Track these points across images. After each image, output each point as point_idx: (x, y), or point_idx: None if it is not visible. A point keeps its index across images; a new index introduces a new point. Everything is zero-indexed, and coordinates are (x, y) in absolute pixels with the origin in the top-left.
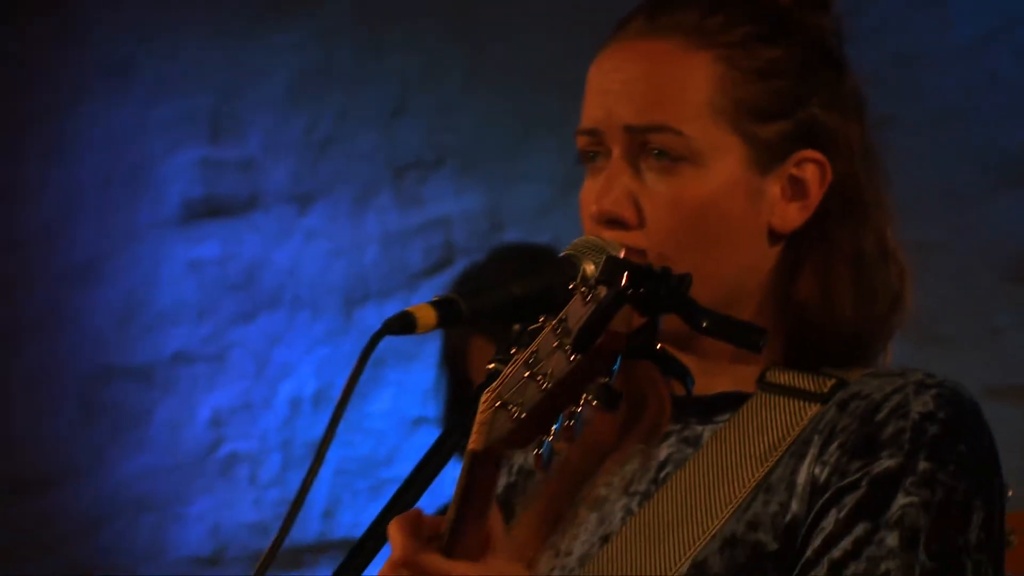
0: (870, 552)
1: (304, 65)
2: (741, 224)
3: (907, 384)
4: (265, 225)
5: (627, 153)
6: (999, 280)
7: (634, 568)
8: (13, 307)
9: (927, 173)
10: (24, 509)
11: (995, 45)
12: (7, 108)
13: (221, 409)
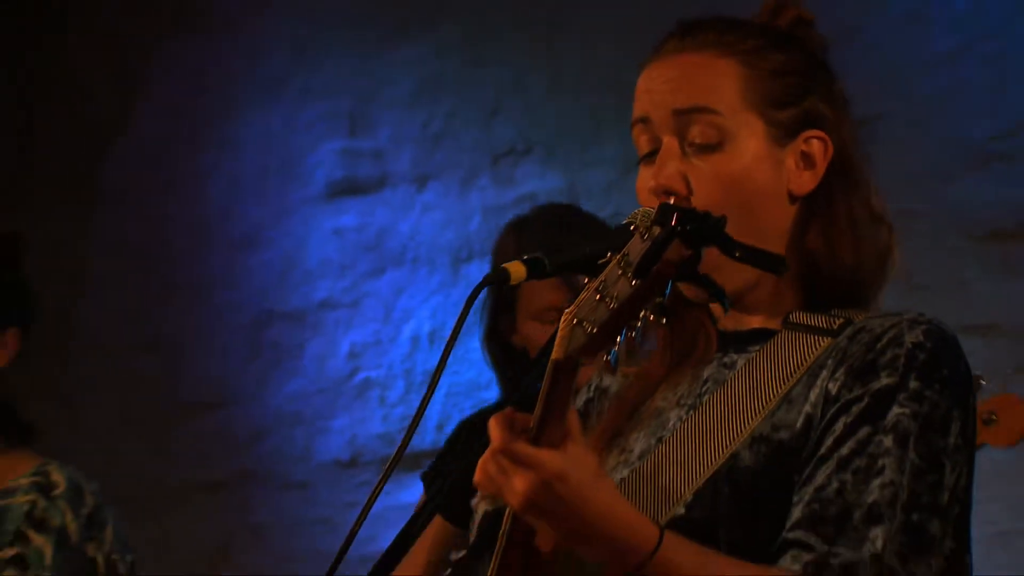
0: (871, 450)
1: (422, 74)
2: (767, 190)
3: (902, 321)
4: (392, 200)
5: (676, 139)
6: (967, 241)
7: (682, 461)
8: (197, 267)
9: (911, 157)
10: (206, 424)
11: (967, 55)
12: (188, 110)
13: (357, 344)
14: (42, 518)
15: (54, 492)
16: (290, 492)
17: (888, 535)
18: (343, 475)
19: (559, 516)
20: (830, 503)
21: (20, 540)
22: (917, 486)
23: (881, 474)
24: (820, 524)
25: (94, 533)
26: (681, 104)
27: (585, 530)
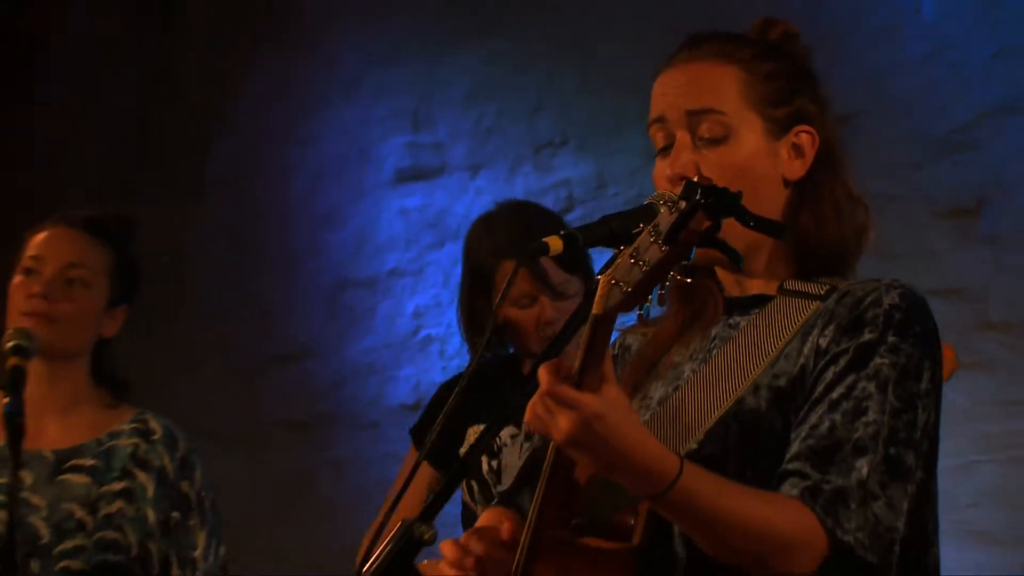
0: (856, 394)
1: (474, 79)
2: (765, 176)
3: (881, 286)
4: (449, 185)
5: (688, 135)
6: (933, 218)
7: (695, 405)
8: (285, 242)
9: (886, 148)
10: (294, 373)
11: (933, 61)
12: (278, 108)
13: (420, 306)
14: (144, 459)
15: (152, 437)
16: (364, 431)
17: (871, 465)
18: (409, 416)
19: (596, 449)
20: (823, 439)
21: (127, 476)
22: (895, 424)
23: (865, 414)
24: (814, 456)
25: (187, 473)
26: (692, 105)
27: (619, 461)
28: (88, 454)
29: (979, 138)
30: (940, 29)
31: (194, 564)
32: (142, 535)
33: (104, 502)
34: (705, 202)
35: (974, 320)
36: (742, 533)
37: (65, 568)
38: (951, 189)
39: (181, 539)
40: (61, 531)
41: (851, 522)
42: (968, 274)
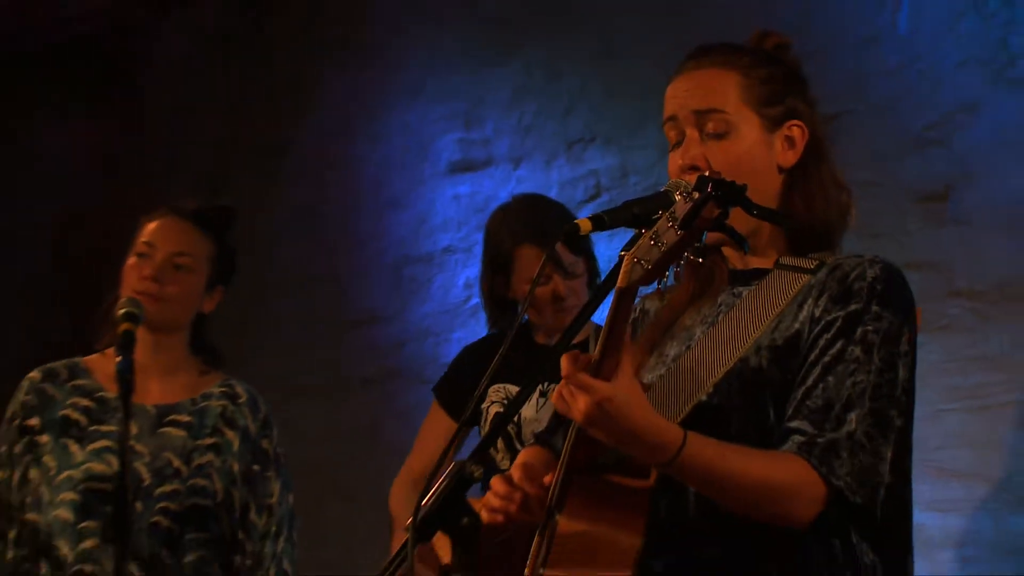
0: (845, 358)
1: (516, 84)
2: (762, 164)
3: (864, 261)
4: (495, 175)
5: (696, 131)
6: (908, 202)
7: (704, 362)
8: (357, 223)
9: (868, 143)
10: (363, 336)
11: (908, 68)
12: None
13: (470, 278)
14: (231, 418)
15: (239, 400)
16: (422, 386)
17: (859, 418)
18: None
19: (609, 428)
20: (817, 398)
21: (217, 432)
22: (879, 382)
23: (853, 375)
24: (810, 415)
25: (267, 432)
26: (698, 106)
27: (628, 437)
28: (184, 411)
29: (946, 134)
30: (913, 42)
31: (269, 509)
32: (227, 483)
33: (197, 454)
34: (715, 193)
35: (943, 288)
36: (746, 488)
37: (163, 508)
38: (923, 178)
39: (259, 488)
40: (160, 476)
41: (842, 468)
42: (937, 250)
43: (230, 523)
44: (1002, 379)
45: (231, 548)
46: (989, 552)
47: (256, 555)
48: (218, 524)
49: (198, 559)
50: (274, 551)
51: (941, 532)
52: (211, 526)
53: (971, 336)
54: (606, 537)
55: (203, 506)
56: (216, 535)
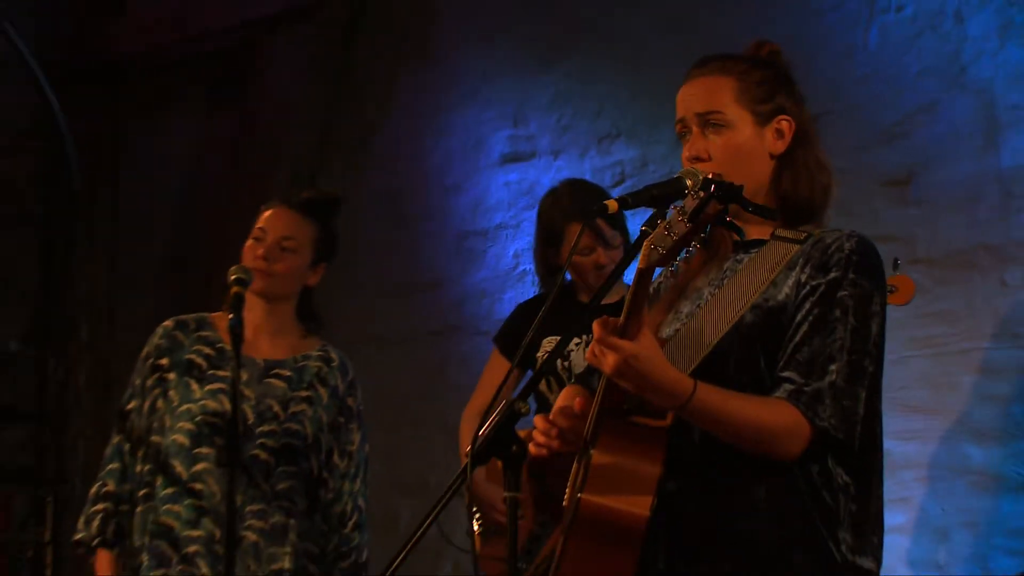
0: (827, 319)
1: (556, 90)
2: (755, 153)
3: (843, 235)
4: (538, 165)
5: (701, 129)
6: (879, 187)
7: (711, 318)
8: (426, 205)
9: (845, 137)
10: (431, 296)
11: (876, 78)
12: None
13: (518, 250)
14: (324, 378)
15: (332, 364)
16: (479, 337)
17: (839, 368)
18: None
19: (633, 380)
20: (804, 352)
21: (311, 388)
22: (855, 338)
23: (834, 332)
24: (798, 367)
25: (352, 392)
26: (701, 109)
27: (649, 387)
28: (287, 367)
29: (908, 130)
30: (880, 55)
31: (350, 455)
32: (316, 429)
33: (293, 403)
34: (717, 193)
35: (906, 256)
36: (745, 429)
37: (262, 444)
38: (889, 166)
39: (342, 437)
40: (262, 417)
41: (826, 412)
42: (901, 225)
43: (317, 462)
44: (955, 331)
45: (316, 483)
46: (944, 473)
47: (336, 491)
48: (307, 462)
49: (288, 488)
50: (351, 489)
51: (904, 457)
52: (300, 463)
53: (929, 296)
54: (632, 467)
55: (295, 446)
56: (304, 471)
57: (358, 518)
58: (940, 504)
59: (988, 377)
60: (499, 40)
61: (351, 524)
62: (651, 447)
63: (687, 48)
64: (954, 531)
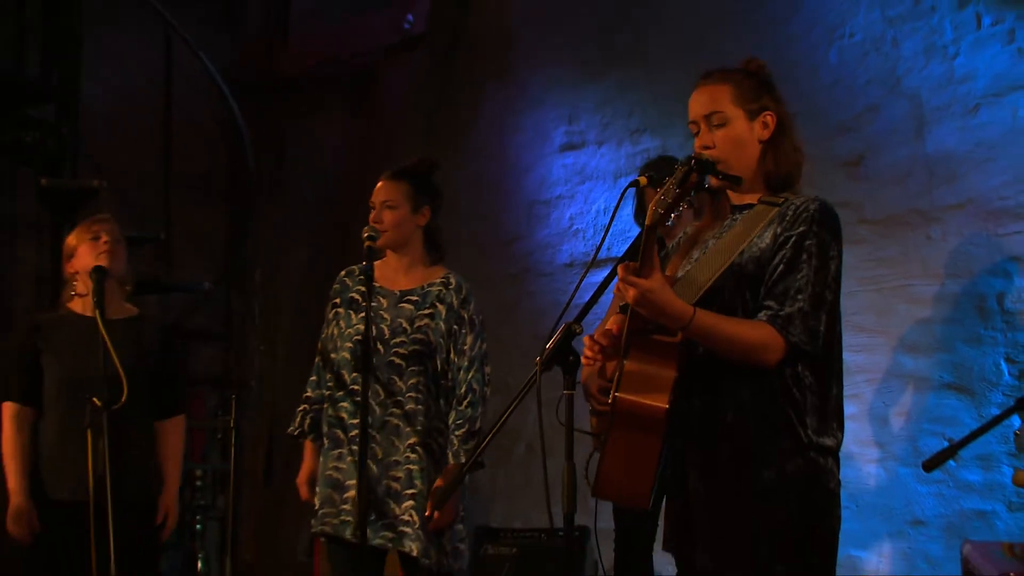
0: (797, 262)
1: (600, 97)
2: (748, 141)
3: (809, 200)
4: (587, 151)
5: (707, 126)
6: (836, 167)
7: (711, 262)
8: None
9: (811, 129)
10: (509, 248)
11: (836, 86)
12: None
13: (573, 214)
14: (443, 298)
15: (450, 286)
16: (544, 278)
17: (806, 298)
18: (567, 271)
19: (647, 307)
20: (779, 286)
21: (432, 306)
22: (818, 276)
23: (802, 271)
24: (775, 297)
25: (465, 305)
26: (705, 111)
27: (658, 313)
28: (415, 294)
29: (859, 125)
30: (839, 68)
31: (464, 353)
32: (437, 337)
33: (418, 319)
34: (693, 166)
35: (855, 218)
36: (734, 344)
37: (395, 352)
38: (844, 151)
39: (458, 340)
40: (395, 332)
41: (796, 330)
42: (853, 194)
43: (439, 361)
44: (893, 272)
45: (439, 376)
46: (885, 376)
47: (454, 380)
48: (431, 361)
49: (417, 382)
50: (466, 378)
51: (856, 365)
52: (426, 363)
53: (873, 247)
54: (654, 372)
55: (420, 351)
56: (429, 368)
57: (471, 398)
58: (882, 399)
59: (916, 306)
60: (558, 61)
61: (465, 403)
62: (668, 356)
63: (697, 65)
64: (892, 419)
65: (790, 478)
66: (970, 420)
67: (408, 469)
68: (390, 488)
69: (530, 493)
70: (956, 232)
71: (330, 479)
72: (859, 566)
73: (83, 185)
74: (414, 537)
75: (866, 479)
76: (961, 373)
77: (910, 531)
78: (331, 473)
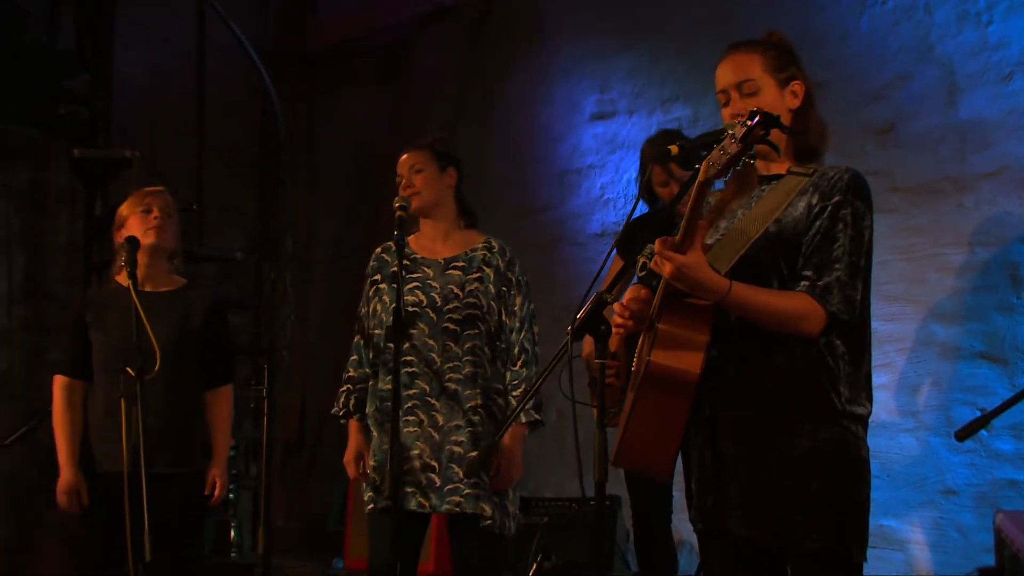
0: (833, 232)
1: (632, 66)
2: (779, 110)
3: (842, 170)
4: (618, 121)
5: (737, 94)
6: (868, 134)
7: (743, 231)
8: (535, 149)
9: (843, 97)
10: (543, 217)
11: (867, 54)
12: (532, 80)
13: (604, 183)
14: (488, 261)
15: (493, 250)
16: (575, 247)
17: (842, 267)
18: (598, 240)
19: (685, 282)
20: (817, 257)
21: (480, 270)
22: (853, 244)
23: (838, 241)
24: (813, 268)
25: (511, 268)
26: (736, 79)
27: (697, 286)
28: (460, 260)
29: (890, 92)
30: (870, 36)
31: (514, 314)
32: (488, 300)
33: (468, 284)
34: (762, 119)
35: (886, 187)
36: (771, 314)
37: (450, 318)
38: (876, 119)
39: (508, 302)
40: (447, 299)
41: (834, 299)
42: (884, 163)
43: (493, 323)
44: (924, 241)
45: (494, 338)
46: (916, 345)
47: (507, 342)
48: (484, 324)
49: (473, 346)
50: (518, 339)
51: (887, 334)
52: (479, 325)
53: (905, 216)
54: (687, 334)
55: (473, 314)
56: (483, 331)
57: (525, 358)
58: (913, 368)
59: (948, 275)
60: (589, 31)
61: (520, 363)
62: (701, 320)
63: (725, 36)
64: (924, 388)
65: (824, 446)
66: (1002, 389)
67: (471, 432)
68: (453, 453)
69: (562, 460)
70: (989, 200)
71: (386, 454)
72: (890, 535)
73: (116, 156)
74: (484, 498)
75: (898, 449)
76: (993, 342)
77: (942, 501)
78: (387, 448)
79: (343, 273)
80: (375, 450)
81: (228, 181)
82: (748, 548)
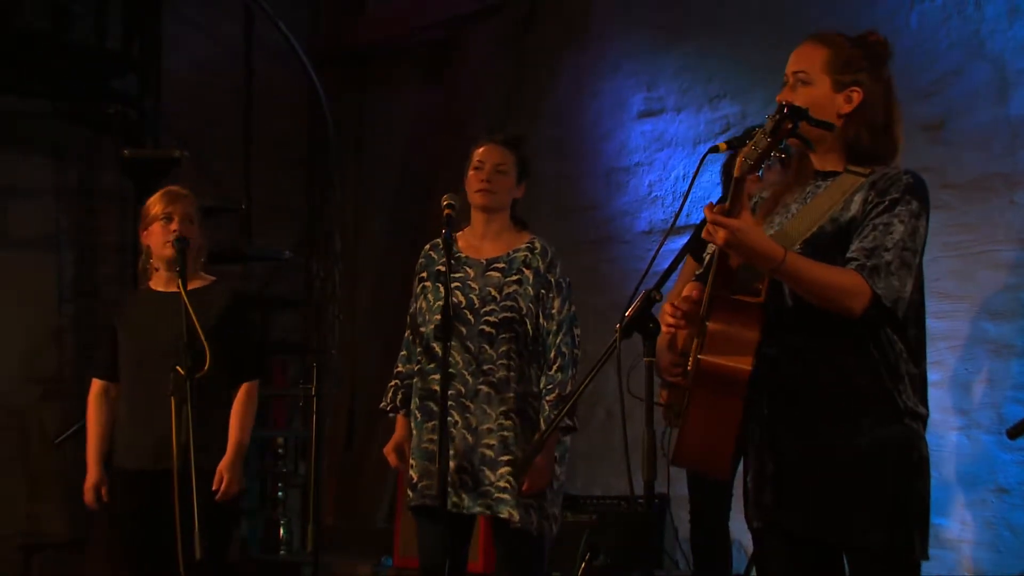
0: (889, 224)
1: (680, 63)
2: (825, 109)
3: (900, 171)
4: (665, 118)
5: (793, 81)
6: (919, 131)
7: (797, 227)
8: (582, 146)
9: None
10: (587, 215)
11: (917, 49)
12: (578, 79)
13: (652, 180)
14: (529, 263)
15: (535, 251)
16: (623, 245)
17: (893, 256)
18: (646, 238)
19: (739, 248)
20: (869, 242)
21: (520, 272)
22: (906, 238)
23: (892, 232)
24: (864, 250)
25: (552, 269)
26: (793, 69)
27: (751, 252)
28: (501, 261)
29: (940, 88)
30: (919, 32)
31: (552, 317)
32: (527, 302)
33: (506, 286)
34: (786, 112)
35: (938, 183)
36: (822, 287)
37: (486, 320)
38: (926, 115)
39: (547, 304)
40: (484, 301)
41: (881, 282)
42: (935, 159)
43: (530, 326)
44: (975, 238)
45: (531, 341)
46: (968, 343)
47: (544, 345)
48: (521, 327)
49: (508, 349)
50: (555, 342)
51: (939, 331)
52: (516, 329)
53: (956, 212)
54: (737, 333)
55: (511, 317)
56: (520, 334)
57: (561, 362)
58: (965, 366)
59: (999, 271)
60: (636, 27)
61: (555, 367)
62: (751, 318)
63: (774, 33)
64: (976, 386)
65: (888, 443)
66: None
67: (502, 436)
68: (484, 456)
69: (610, 459)
70: None
71: (426, 451)
72: (941, 534)
73: (165, 155)
74: (512, 503)
75: (949, 447)
76: None
77: (993, 499)
78: (427, 445)
79: (391, 271)
80: (413, 447)
81: (276, 180)
82: (805, 546)
